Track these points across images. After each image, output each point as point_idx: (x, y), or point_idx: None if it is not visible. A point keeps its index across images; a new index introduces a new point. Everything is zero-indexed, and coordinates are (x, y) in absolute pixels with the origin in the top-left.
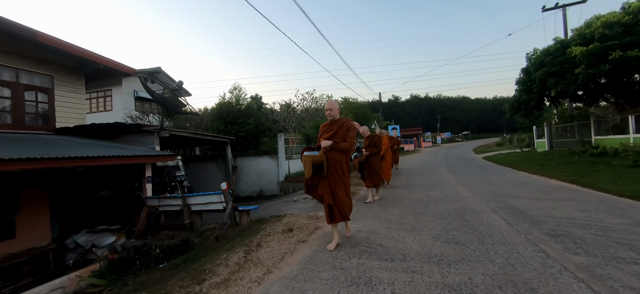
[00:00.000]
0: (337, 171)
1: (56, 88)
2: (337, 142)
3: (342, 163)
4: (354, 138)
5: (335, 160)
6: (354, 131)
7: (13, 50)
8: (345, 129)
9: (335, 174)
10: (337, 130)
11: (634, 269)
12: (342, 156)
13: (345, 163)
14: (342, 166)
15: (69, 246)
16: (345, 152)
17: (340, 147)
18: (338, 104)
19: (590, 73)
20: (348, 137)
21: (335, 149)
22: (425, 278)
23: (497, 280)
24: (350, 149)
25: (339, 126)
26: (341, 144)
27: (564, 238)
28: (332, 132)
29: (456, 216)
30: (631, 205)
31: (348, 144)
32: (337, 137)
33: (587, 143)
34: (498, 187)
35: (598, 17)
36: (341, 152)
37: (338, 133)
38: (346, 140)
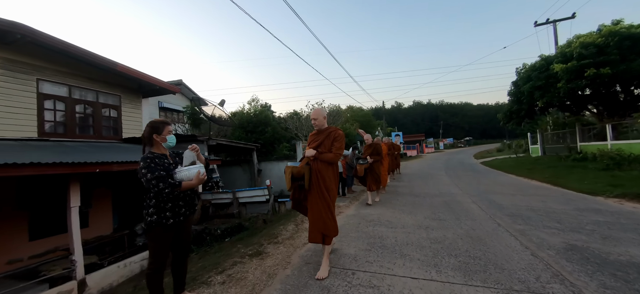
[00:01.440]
0: (320, 185)
1: (123, 105)
2: (321, 152)
3: (326, 177)
4: (341, 149)
5: (319, 172)
6: (341, 141)
7: (95, 77)
8: (331, 139)
9: (317, 188)
10: (323, 140)
11: (550, 232)
12: (327, 168)
13: (332, 177)
14: (325, 180)
15: (138, 232)
16: (331, 163)
17: (324, 158)
18: (325, 113)
19: (570, 87)
20: (334, 148)
21: (320, 160)
22: (416, 235)
23: (461, 236)
24: (335, 160)
25: (325, 135)
26: (326, 155)
27: (516, 217)
28: (318, 142)
29: (443, 205)
30: (582, 198)
31: (333, 155)
32: (323, 147)
33: (573, 149)
34: (484, 186)
35: (578, 36)
36: (326, 164)
37: (324, 143)
38: (332, 151)
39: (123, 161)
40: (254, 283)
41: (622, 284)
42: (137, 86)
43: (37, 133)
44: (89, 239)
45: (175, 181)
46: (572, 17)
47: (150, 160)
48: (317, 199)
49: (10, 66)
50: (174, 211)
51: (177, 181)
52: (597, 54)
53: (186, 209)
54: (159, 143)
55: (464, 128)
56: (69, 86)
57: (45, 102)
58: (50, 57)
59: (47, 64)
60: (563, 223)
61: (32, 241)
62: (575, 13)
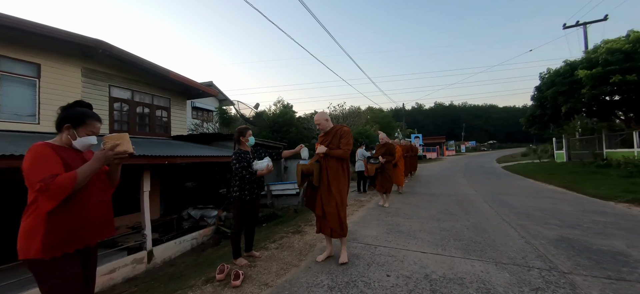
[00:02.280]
0: (331, 182)
1: (171, 107)
2: (331, 149)
3: (337, 174)
4: (349, 144)
5: (330, 169)
6: (348, 137)
7: (151, 82)
8: (339, 136)
9: (328, 185)
10: (331, 139)
11: (549, 227)
12: (337, 164)
13: (343, 174)
14: (337, 177)
15: (184, 217)
16: (341, 159)
17: (334, 154)
18: (326, 115)
19: (594, 93)
20: (342, 144)
21: (330, 155)
22: (428, 224)
23: (467, 227)
24: (344, 156)
25: (333, 134)
26: (335, 151)
27: (522, 214)
28: (327, 141)
29: (456, 203)
30: (592, 202)
31: (342, 151)
32: (332, 145)
33: (598, 155)
34: (499, 189)
35: (606, 41)
36: (336, 160)
37: (333, 142)
38: (341, 146)
39: (185, 155)
40: (300, 249)
41: (593, 264)
42: (183, 90)
43: (109, 131)
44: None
45: (252, 170)
46: (604, 20)
47: (238, 154)
48: (330, 195)
49: (90, 75)
50: (250, 190)
51: (254, 170)
52: (624, 60)
53: (257, 190)
54: (244, 143)
55: (488, 131)
56: (132, 91)
57: (114, 104)
58: (119, 67)
59: (116, 73)
60: (564, 221)
61: None
62: (607, 15)
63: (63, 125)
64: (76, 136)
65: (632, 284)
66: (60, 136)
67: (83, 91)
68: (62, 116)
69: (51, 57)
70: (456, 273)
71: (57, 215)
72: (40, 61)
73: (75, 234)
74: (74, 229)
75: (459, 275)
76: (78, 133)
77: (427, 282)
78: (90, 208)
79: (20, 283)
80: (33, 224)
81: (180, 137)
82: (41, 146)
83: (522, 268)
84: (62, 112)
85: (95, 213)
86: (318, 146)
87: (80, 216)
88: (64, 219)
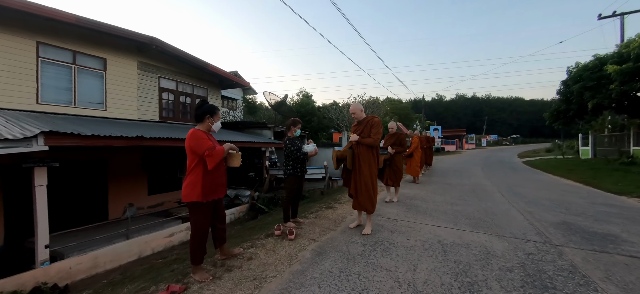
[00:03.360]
0: (363, 166)
1: (208, 96)
2: (363, 137)
3: (368, 158)
4: (378, 133)
5: (361, 155)
6: (378, 127)
7: (192, 74)
8: (370, 126)
9: (359, 168)
10: (363, 128)
11: (554, 214)
12: (368, 151)
13: (373, 159)
14: (368, 162)
15: None
16: (371, 147)
17: (365, 142)
18: (361, 106)
19: (624, 90)
20: (372, 133)
21: (361, 143)
22: (443, 207)
23: (478, 210)
24: (374, 144)
25: (364, 124)
26: (366, 140)
27: (531, 203)
28: (359, 130)
29: (470, 192)
30: (604, 195)
31: (372, 139)
32: (364, 134)
33: (624, 153)
34: (515, 181)
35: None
36: (367, 148)
37: (364, 130)
38: (371, 135)
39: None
40: (334, 219)
41: (584, 241)
42: (218, 81)
43: (158, 117)
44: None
45: (304, 152)
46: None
47: (292, 140)
48: (362, 178)
49: (144, 68)
50: (301, 168)
51: (304, 152)
52: None
53: (304, 168)
54: (293, 131)
55: (511, 125)
56: (176, 81)
57: (162, 94)
58: (166, 60)
59: (164, 65)
60: (570, 210)
61: (149, 195)
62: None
63: (204, 116)
64: (213, 122)
65: (612, 256)
66: (202, 124)
67: (139, 81)
68: (202, 110)
69: (114, 53)
70: (464, 241)
71: (207, 177)
72: (106, 56)
73: (214, 189)
74: (214, 185)
75: (466, 242)
76: (214, 120)
77: (440, 245)
78: (220, 176)
79: (108, 237)
80: (194, 181)
81: None
82: (197, 130)
83: (520, 240)
84: (200, 108)
85: (221, 179)
86: (352, 133)
87: (216, 179)
88: (209, 179)
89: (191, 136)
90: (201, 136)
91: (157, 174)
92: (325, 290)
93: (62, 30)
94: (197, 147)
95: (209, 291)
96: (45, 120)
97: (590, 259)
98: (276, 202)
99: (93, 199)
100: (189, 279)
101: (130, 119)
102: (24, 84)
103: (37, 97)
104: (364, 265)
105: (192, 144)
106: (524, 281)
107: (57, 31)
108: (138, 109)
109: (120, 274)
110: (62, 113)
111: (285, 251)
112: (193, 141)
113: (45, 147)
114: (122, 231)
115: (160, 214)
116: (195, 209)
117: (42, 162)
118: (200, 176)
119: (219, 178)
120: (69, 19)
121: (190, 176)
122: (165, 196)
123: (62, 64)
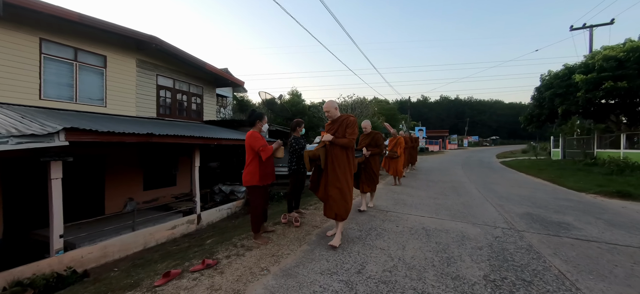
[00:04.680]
0: (336, 169)
1: (204, 95)
2: (337, 137)
3: (343, 161)
4: (354, 134)
5: (335, 157)
6: (353, 126)
7: (188, 72)
8: (345, 126)
9: (333, 171)
10: (337, 128)
11: (521, 206)
12: (342, 152)
13: (347, 162)
14: (342, 164)
15: (215, 191)
16: (345, 148)
17: (338, 142)
18: (336, 104)
19: (588, 97)
20: (347, 133)
21: (335, 144)
22: (426, 201)
23: (456, 203)
24: (349, 145)
25: (339, 123)
26: (339, 140)
27: (503, 198)
28: (333, 130)
29: (451, 188)
30: (567, 192)
31: (347, 140)
32: (338, 134)
33: (588, 154)
34: (491, 179)
35: (605, 48)
36: (341, 149)
37: (338, 130)
38: (346, 136)
39: (228, 138)
40: None
41: (542, 227)
42: (214, 79)
43: (156, 114)
44: (177, 194)
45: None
46: (611, 23)
47: (297, 139)
48: (334, 181)
49: (142, 65)
50: (303, 165)
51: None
52: (617, 67)
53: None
54: (298, 132)
55: (491, 127)
56: (173, 79)
57: (160, 91)
58: (164, 58)
59: (162, 64)
60: (535, 203)
61: (145, 191)
62: (613, 19)
63: (256, 121)
64: (262, 124)
65: (561, 238)
66: (255, 127)
67: (137, 79)
68: (254, 117)
69: (114, 50)
70: (444, 227)
71: (261, 167)
72: (106, 53)
73: (266, 176)
74: (266, 173)
75: (445, 228)
76: (262, 124)
77: (424, 231)
78: (270, 166)
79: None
80: (253, 170)
81: (211, 122)
82: (253, 132)
83: (490, 226)
84: (252, 116)
85: (270, 169)
86: (324, 134)
87: (267, 169)
88: (263, 168)
89: (250, 136)
90: (257, 136)
91: (153, 170)
92: (332, 263)
93: (64, 28)
94: (254, 144)
95: (237, 263)
96: (56, 116)
97: (544, 241)
98: (272, 197)
99: (91, 193)
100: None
101: (129, 115)
102: (28, 80)
103: (40, 92)
104: (362, 245)
105: (251, 142)
106: (490, 256)
107: (59, 28)
108: (136, 105)
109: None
110: (64, 109)
111: (293, 235)
112: (252, 140)
113: (65, 142)
114: (129, 223)
115: (160, 208)
116: (254, 190)
117: (57, 156)
118: (257, 167)
119: (269, 168)
120: (71, 16)
121: (249, 167)
122: (160, 192)
123: (64, 60)
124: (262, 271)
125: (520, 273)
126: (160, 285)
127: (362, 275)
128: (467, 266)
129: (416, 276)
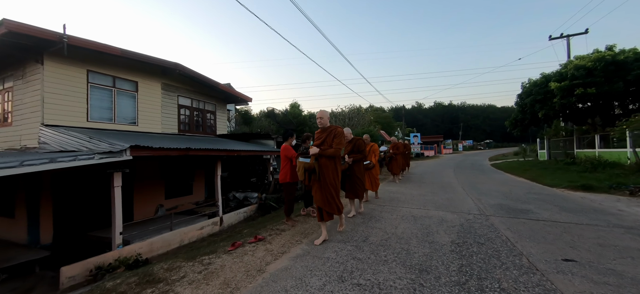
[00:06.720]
0: (326, 176)
1: (217, 111)
2: (324, 149)
3: (330, 168)
4: (340, 144)
5: (325, 165)
6: (340, 137)
7: (203, 91)
8: (332, 136)
9: (324, 178)
10: (325, 137)
11: (496, 200)
12: (330, 161)
13: (334, 168)
14: (330, 171)
15: (230, 198)
16: (333, 157)
17: (326, 153)
18: (328, 113)
19: (563, 103)
20: (334, 144)
21: (323, 155)
22: (417, 197)
23: (442, 199)
24: (336, 154)
25: (327, 133)
26: (327, 151)
27: (483, 194)
28: (322, 139)
29: (440, 187)
30: (541, 188)
31: (333, 150)
32: (326, 144)
33: (569, 155)
34: (478, 180)
35: (577, 57)
36: (328, 158)
37: (327, 140)
38: (333, 145)
39: (246, 150)
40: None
41: (507, 214)
42: (225, 97)
43: (177, 130)
44: (193, 202)
45: None
46: (585, 33)
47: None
48: (328, 187)
49: (166, 88)
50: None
51: None
52: (586, 75)
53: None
54: (308, 143)
55: (485, 130)
56: (191, 99)
57: (180, 110)
58: (184, 81)
59: (182, 85)
60: (508, 198)
61: (166, 199)
62: (588, 29)
63: (288, 136)
64: (293, 139)
65: (518, 220)
66: (288, 141)
67: (162, 100)
68: (288, 134)
69: (144, 76)
70: (428, 215)
71: (292, 170)
72: (138, 79)
73: (294, 175)
74: (295, 174)
75: (429, 215)
76: (293, 139)
77: (412, 217)
78: (294, 169)
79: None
80: (287, 171)
81: (224, 135)
82: (287, 145)
83: (466, 214)
84: (287, 132)
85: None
86: (312, 148)
87: (295, 171)
88: (293, 170)
89: (284, 148)
90: (290, 148)
91: (173, 181)
92: (345, 236)
93: (107, 60)
94: (289, 154)
95: (279, 238)
96: (109, 135)
97: (503, 222)
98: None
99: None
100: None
101: (156, 132)
102: (78, 106)
103: (87, 115)
104: (365, 227)
105: (286, 152)
106: (459, 231)
107: (103, 61)
108: (162, 123)
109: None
110: (106, 129)
111: (313, 221)
112: (287, 151)
113: (130, 157)
114: (167, 224)
115: (187, 213)
116: (289, 186)
117: (119, 168)
118: (289, 169)
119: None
120: (115, 51)
121: (284, 170)
122: (180, 200)
123: (105, 87)
124: (297, 241)
125: (477, 239)
126: (232, 250)
127: (366, 242)
128: (440, 236)
129: (405, 242)
